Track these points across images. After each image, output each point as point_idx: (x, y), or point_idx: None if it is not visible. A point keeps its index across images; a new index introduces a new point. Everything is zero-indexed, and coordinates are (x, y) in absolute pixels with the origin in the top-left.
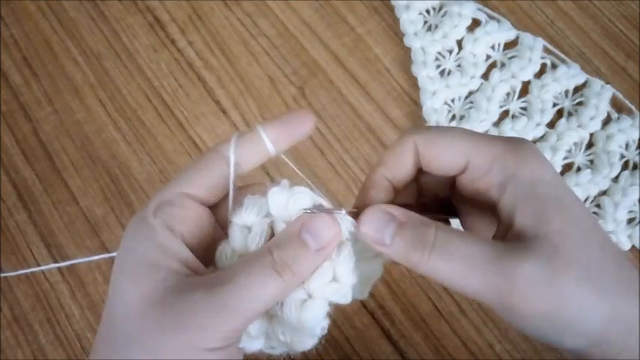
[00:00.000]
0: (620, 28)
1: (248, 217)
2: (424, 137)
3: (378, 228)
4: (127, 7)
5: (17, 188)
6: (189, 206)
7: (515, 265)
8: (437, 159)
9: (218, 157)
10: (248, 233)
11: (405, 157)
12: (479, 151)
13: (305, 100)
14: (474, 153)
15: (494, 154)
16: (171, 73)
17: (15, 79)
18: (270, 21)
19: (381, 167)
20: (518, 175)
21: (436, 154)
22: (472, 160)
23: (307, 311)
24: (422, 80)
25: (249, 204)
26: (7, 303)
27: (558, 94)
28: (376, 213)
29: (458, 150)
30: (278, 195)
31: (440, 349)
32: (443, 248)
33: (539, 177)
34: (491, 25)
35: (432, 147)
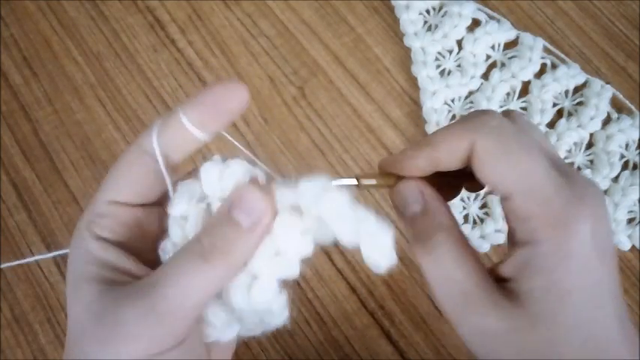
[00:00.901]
0: (620, 28)
1: (181, 205)
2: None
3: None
4: (127, 7)
5: (17, 188)
6: (120, 213)
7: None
8: (487, 176)
9: (140, 153)
10: (185, 223)
11: (458, 153)
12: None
13: (305, 100)
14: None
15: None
16: (171, 73)
17: (15, 79)
18: (270, 21)
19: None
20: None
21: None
22: (517, 199)
23: (255, 294)
24: (422, 80)
25: (180, 191)
26: (7, 303)
27: (558, 94)
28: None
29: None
30: (209, 172)
31: (440, 349)
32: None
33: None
34: (491, 25)
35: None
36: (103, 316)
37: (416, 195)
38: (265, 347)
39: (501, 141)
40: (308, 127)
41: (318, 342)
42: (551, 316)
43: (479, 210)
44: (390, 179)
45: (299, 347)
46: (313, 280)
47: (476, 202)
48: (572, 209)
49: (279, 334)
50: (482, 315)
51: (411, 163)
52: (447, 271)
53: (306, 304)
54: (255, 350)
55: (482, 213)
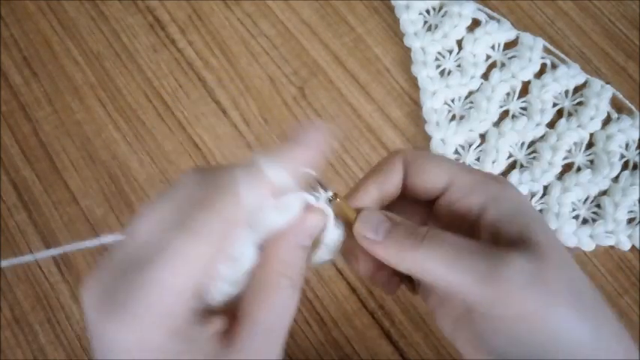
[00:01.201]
0: (620, 28)
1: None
2: (413, 154)
3: (373, 227)
4: (127, 7)
5: (17, 188)
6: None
7: (505, 259)
8: (423, 176)
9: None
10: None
11: (395, 173)
12: (463, 173)
13: (305, 100)
14: (458, 174)
15: (477, 179)
16: (171, 73)
17: (15, 79)
18: (270, 21)
19: (372, 180)
20: (501, 196)
21: (423, 170)
22: (455, 181)
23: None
24: (422, 80)
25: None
26: (7, 303)
27: (558, 94)
28: (373, 213)
29: (444, 168)
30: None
31: (440, 349)
32: (433, 237)
33: (521, 199)
34: (491, 25)
35: (421, 163)
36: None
37: (379, 214)
38: None
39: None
40: None
41: (318, 342)
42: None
43: None
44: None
45: (299, 347)
46: (313, 280)
47: None
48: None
49: None
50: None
51: (365, 194)
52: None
53: (306, 304)
54: None
55: None
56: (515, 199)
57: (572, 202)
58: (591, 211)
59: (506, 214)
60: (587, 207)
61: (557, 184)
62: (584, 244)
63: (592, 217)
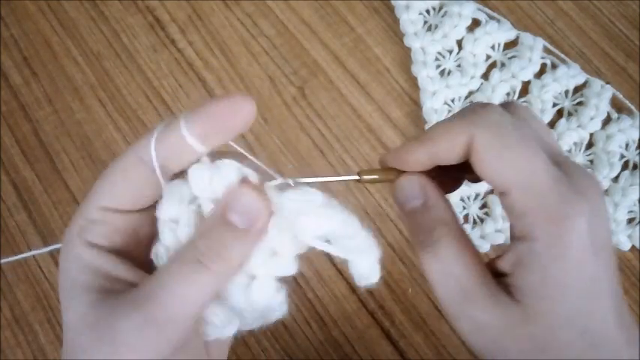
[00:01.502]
0: (620, 28)
1: (170, 207)
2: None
3: (408, 196)
4: (127, 7)
5: (17, 188)
6: (113, 220)
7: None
8: (486, 170)
9: (136, 160)
10: (176, 226)
11: (457, 148)
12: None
13: (305, 100)
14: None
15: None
16: (171, 73)
17: (15, 79)
18: (270, 21)
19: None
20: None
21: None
22: (514, 194)
23: (254, 293)
24: (422, 80)
25: (169, 193)
26: (7, 303)
27: (558, 94)
28: (414, 183)
29: (513, 174)
30: (198, 173)
31: (440, 349)
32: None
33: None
34: (491, 25)
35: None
36: (99, 327)
37: (416, 190)
38: (265, 347)
39: (499, 135)
40: (308, 127)
41: (318, 342)
42: (547, 310)
43: (479, 210)
44: (391, 174)
45: (299, 347)
46: (313, 280)
47: (476, 202)
48: (568, 204)
49: (279, 334)
50: (481, 310)
51: (411, 158)
52: (447, 265)
53: (306, 304)
54: (255, 350)
55: (483, 213)
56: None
57: None
58: None
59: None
60: None
61: None
62: None
63: None
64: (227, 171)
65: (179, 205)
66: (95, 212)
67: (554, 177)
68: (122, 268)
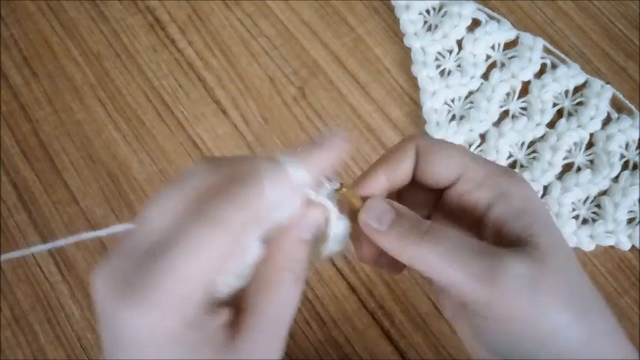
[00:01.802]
0: (620, 28)
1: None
2: (427, 142)
3: (378, 216)
4: (127, 7)
5: (17, 188)
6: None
7: (503, 261)
8: (435, 166)
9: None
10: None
11: (406, 160)
12: (475, 165)
13: (305, 100)
14: (470, 166)
15: (488, 172)
16: (171, 73)
17: (15, 79)
18: (270, 21)
19: (382, 167)
20: (510, 192)
21: (436, 160)
22: (467, 173)
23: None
24: (422, 80)
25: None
26: (7, 303)
27: (558, 94)
28: (379, 202)
29: (457, 159)
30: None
31: (440, 349)
32: (435, 234)
33: (530, 197)
34: (491, 25)
35: (433, 152)
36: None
37: (385, 204)
38: None
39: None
40: (308, 127)
41: (318, 342)
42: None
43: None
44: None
45: (299, 347)
46: (313, 280)
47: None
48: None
49: None
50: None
51: (372, 182)
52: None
53: (306, 304)
54: None
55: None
56: (524, 196)
57: (572, 202)
58: (591, 211)
59: (512, 212)
60: (587, 207)
61: (557, 184)
62: (584, 244)
63: (592, 217)
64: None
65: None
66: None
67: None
68: None
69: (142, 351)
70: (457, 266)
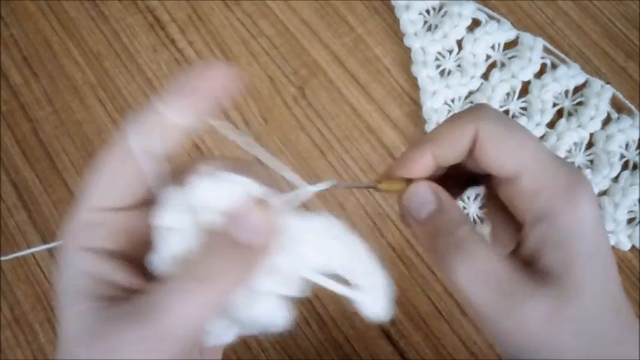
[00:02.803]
0: (620, 28)
1: (168, 215)
2: (489, 124)
3: (421, 202)
4: (127, 7)
5: (17, 188)
6: (109, 220)
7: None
8: (492, 158)
9: (122, 152)
10: (174, 235)
11: (462, 143)
12: (537, 168)
13: (305, 100)
14: (532, 168)
15: (549, 181)
16: (171, 73)
17: (15, 79)
18: (270, 21)
19: (431, 146)
20: (565, 211)
21: (495, 151)
22: (524, 176)
23: (256, 309)
24: (422, 80)
25: (166, 200)
26: (7, 303)
27: (558, 94)
28: (425, 189)
29: (519, 155)
30: (201, 184)
31: (440, 349)
32: (465, 250)
33: (582, 219)
34: (491, 25)
35: (495, 141)
36: (96, 337)
37: (429, 194)
38: (265, 347)
39: (503, 124)
40: (308, 127)
41: (318, 342)
42: (584, 282)
43: (479, 210)
44: (399, 185)
45: (299, 347)
46: None
47: (476, 202)
48: (576, 180)
49: (279, 334)
50: (521, 302)
51: (418, 163)
52: (478, 263)
53: (306, 304)
54: (255, 350)
55: (482, 213)
56: (578, 219)
57: None
58: None
59: (554, 239)
60: None
61: None
62: None
63: None
64: (232, 183)
65: (178, 214)
66: (88, 214)
67: (557, 159)
68: (120, 272)
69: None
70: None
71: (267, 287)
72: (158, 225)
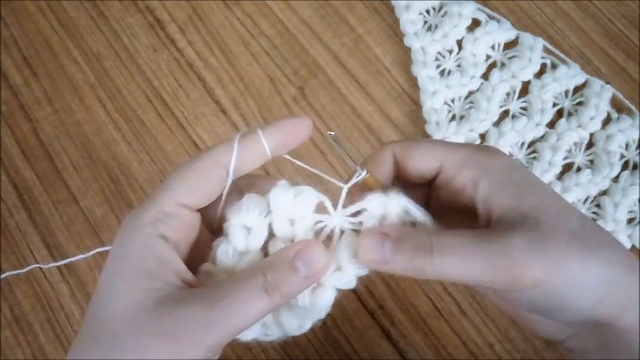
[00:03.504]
0: (620, 28)
1: (248, 217)
2: (401, 145)
3: (377, 250)
4: (127, 7)
5: (17, 188)
6: (184, 216)
7: (507, 241)
8: (413, 163)
9: (215, 163)
10: (248, 233)
11: (385, 164)
12: (450, 152)
13: (305, 100)
14: (446, 155)
15: (465, 154)
16: (171, 73)
17: (15, 79)
18: (270, 21)
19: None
20: (490, 166)
21: (412, 158)
22: (445, 161)
23: (319, 298)
24: (422, 80)
25: (250, 204)
26: (7, 303)
27: (558, 94)
28: (371, 237)
29: (432, 153)
30: (281, 196)
31: (440, 349)
32: (441, 248)
33: (509, 166)
34: (491, 25)
35: (409, 152)
36: (164, 315)
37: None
38: (265, 347)
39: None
40: None
41: (318, 342)
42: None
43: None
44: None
45: (299, 347)
46: None
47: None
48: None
49: None
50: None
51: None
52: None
53: None
54: (255, 350)
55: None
56: (504, 166)
57: (572, 202)
58: (591, 211)
59: (497, 185)
60: (587, 207)
61: (557, 184)
62: None
63: (592, 217)
64: (307, 196)
65: (257, 216)
66: (171, 206)
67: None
68: (181, 266)
69: None
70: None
71: (329, 280)
72: (235, 222)
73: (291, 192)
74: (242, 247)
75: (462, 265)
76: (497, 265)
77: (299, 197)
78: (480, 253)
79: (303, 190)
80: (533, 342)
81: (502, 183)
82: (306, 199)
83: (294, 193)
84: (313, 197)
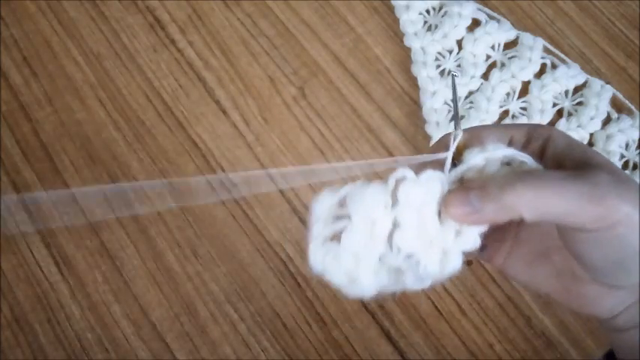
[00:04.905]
0: (620, 28)
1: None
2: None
3: (464, 202)
4: (127, 7)
5: (17, 188)
6: None
7: (595, 176)
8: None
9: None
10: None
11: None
12: (513, 130)
13: (305, 100)
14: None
15: (527, 129)
16: (171, 73)
17: (15, 79)
18: (270, 21)
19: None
20: (553, 134)
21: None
22: (513, 137)
23: (449, 265)
24: (422, 80)
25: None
26: (7, 303)
27: (558, 94)
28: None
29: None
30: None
31: (440, 349)
32: (532, 180)
33: (566, 134)
34: (491, 25)
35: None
36: None
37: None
38: (265, 347)
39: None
40: (308, 127)
41: (318, 342)
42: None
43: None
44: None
45: (299, 347)
46: (313, 280)
47: None
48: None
49: (279, 334)
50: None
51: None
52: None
53: (306, 304)
54: (255, 350)
55: None
56: (564, 134)
57: None
58: None
59: (566, 146)
60: None
61: None
62: None
63: None
64: (432, 184)
65: (383, 209)
66: None
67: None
68: None
69: None
70: (567, 196)
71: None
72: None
73: (418, 185)
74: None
75: (555, 195)
76: (589, 196)
77: (427, 186)
78: (573, 185)
79: (428, 177)
80: (533, 342)
81: (570, 145)
82: (431, 188)
83: (419, 185)
84: (437, 185)
